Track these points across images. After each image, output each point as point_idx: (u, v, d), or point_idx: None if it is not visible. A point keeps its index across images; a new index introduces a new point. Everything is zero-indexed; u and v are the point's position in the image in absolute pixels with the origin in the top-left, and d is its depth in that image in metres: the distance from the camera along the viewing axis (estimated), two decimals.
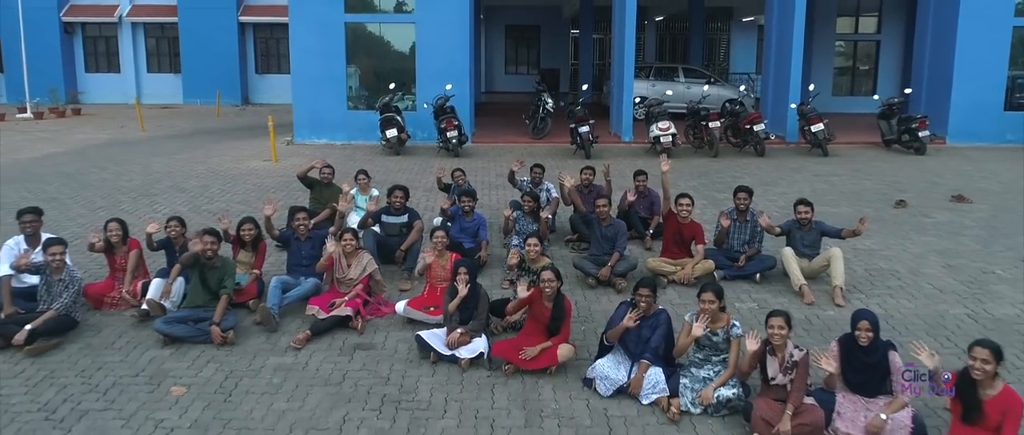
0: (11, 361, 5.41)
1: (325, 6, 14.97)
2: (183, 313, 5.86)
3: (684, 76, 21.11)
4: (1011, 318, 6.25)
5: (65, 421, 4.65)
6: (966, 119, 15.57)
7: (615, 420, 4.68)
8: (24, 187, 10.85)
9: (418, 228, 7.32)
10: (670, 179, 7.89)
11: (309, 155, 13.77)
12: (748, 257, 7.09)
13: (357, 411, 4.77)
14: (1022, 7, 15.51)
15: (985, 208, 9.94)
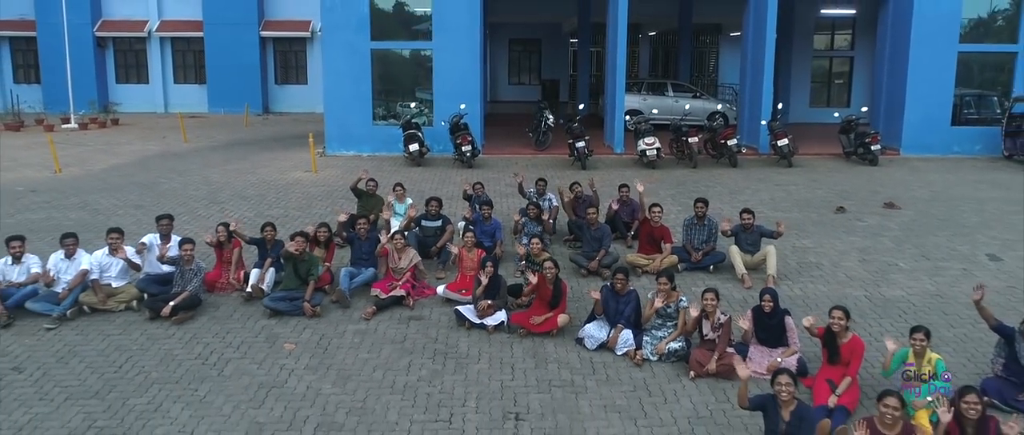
0: (162, 327, 7.51)
1: (354, 34, 17.06)
2: (281, 294, 7.95)
3: (672, 91, 23.22)
4: (897, 298, 8.35)
5: (216, 365, 6.75)
6: (918, 133, 17.67)
7: (598, 365, 6.77)
8: (112, 196, 12.95)
9: (450, 230, 9.43)
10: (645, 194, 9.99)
11: (342, 166, 15.90)
12: (704, 253, 9.19)
13: (417, 359, 6.87)
14: (966, 34, 17.60)
15: (910, 213, 12.04)
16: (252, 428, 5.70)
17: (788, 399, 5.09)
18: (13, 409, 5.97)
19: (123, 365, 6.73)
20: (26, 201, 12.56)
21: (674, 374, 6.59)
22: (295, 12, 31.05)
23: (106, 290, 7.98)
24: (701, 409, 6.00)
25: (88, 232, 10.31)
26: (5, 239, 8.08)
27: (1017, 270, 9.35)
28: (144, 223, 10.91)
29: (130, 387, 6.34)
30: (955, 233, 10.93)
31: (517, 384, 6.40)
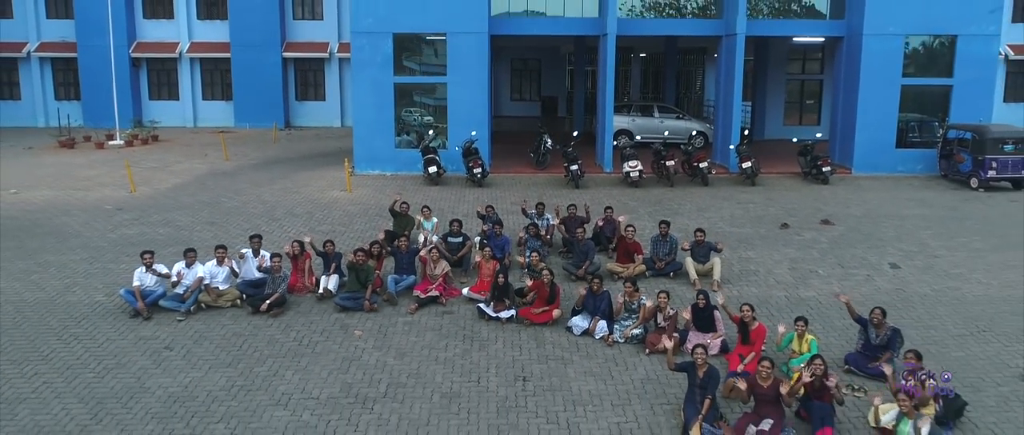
0: (262, 319, 10.21)
1: (379, 70, 19.78)
2: (347, 294, 10.66)
3: (658, 112, 25.95)
4: (808, 298, 11.06)
5: (308, 345, 9.46)
6: (867, 154, 20.42)
7: (581, 345, 9.47)
8: (186, 214, 15.67)
9: (469, 245, 12.15)
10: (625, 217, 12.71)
11: (371, 185, 18.62)
12: (666, 263, 11.91)
13: (451, 341, 9.58)
14: (908, 70, 20.31)
15: (841, 229, 14.77)
16: (343, 386, 8.41)
17: (702, 363, 7.78)
18: (176, 374, 8.68)
19: (242, 346, 9.45)
20: (117, 219, 15.29)
21: (635, 351, 9.30)
22: (314, 35, 33.81)
23: (215, 292, 10.70)
24: (651, 374, 8.71)
25: (177, 246, 12.99)
26: (140, 252, 10.80)
27: (909, 277, 12.07)
28: (219, 238, 13.62)
29: (252, 360, 9.06)
30: (871, 246, 13.65)
31: (524, 358, 9.12)
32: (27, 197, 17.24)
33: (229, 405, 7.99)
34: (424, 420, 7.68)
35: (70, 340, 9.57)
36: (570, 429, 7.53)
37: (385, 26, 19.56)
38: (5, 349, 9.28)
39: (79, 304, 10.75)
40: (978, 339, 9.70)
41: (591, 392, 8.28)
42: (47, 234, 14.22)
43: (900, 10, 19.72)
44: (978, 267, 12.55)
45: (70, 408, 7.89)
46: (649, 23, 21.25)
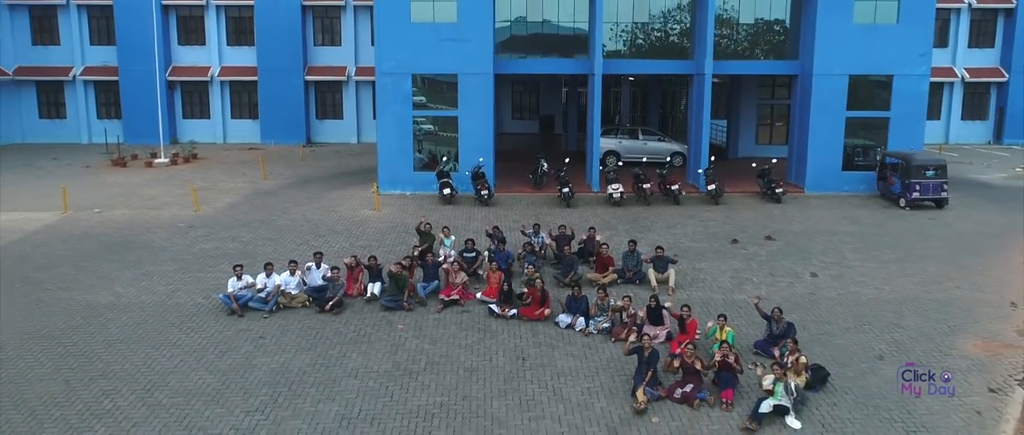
0: (326, 317, 13.62)
1: (400, 105, 23.19)
2: (389, 298, 14.08)
3: (642, 135, 29.38)
4: (740, 300, 14.47)
5: (365, 335, 12.89)
6: (817, 176, 23.83)
7: (565, 335, 12.89)
8: (247, 231, 19.10)
9: (481, 259, 15.59)
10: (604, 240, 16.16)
11: (395, 204, 22.02)
12: (633, 272, 15.34)
13: (470, 333, 13.00)
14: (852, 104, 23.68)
15: (780, 243, 18.20)
16: (394, 363, 11.83)
17: (647, 347, 11.19)
18: (272, 355, 12.11)
19: (315, 335, 12.88)
20: (192, 235, 18.74)
21: (603, 340, 12.71)
22: (333, 60, 37.28)
23: (289, 296, 14.13)
24: (613, 356, 12.11)
25: (246, 258, 16.38)
26: (233, 265, 14.26)
27: (822, 284, 15.50)
28: (279, 252, 17.04)
29: (325, 346, 12.49)
30: (801, 258, 17.09)
31: (523, 344, 12.54)
32: (110, 216, 20.67)
33: (315, 376, 11.43)
34: (453, 386, 11.12)
35: (189, 331, 13.02)
36: (555, 392, 10.96)
37: (405, 68, 23.00)
38: (144, 338, 12.73)
39: (186, 305, 14.19)
40: (858, 330, 13.14)
41: (571, 367, 11.71)
42: (140, 248, 17.66)
43: (844, 54, 23.11)
44: (879, 275, 15.98)
45: (205, 378, 11.33)
46: (630, 63, 24.70)
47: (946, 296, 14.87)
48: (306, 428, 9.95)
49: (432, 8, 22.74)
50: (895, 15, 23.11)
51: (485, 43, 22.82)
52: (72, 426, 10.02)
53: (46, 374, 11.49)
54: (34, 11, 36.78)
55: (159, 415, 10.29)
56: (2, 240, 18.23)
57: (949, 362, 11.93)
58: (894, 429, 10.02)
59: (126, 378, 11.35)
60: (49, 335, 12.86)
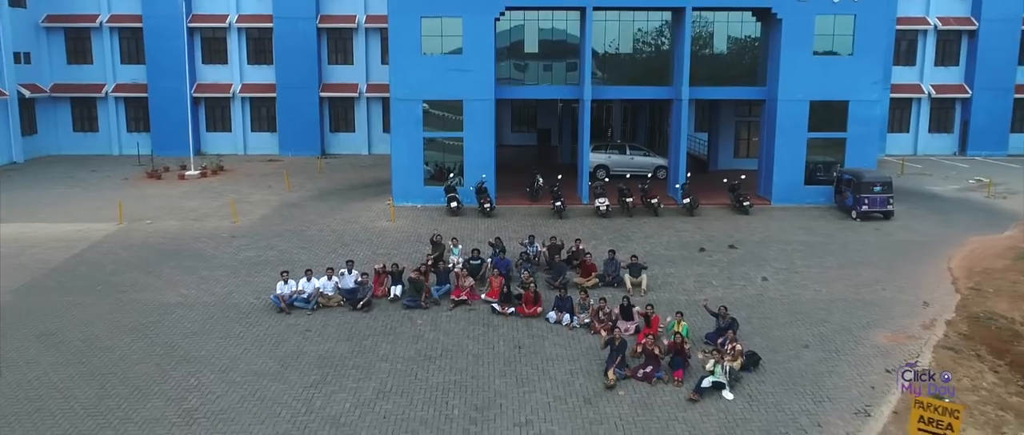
0: (358, 314, 16.61)
1: (412, 127, 26.17)
2: (409, 299, 17.09)
3: (629, 150, 32.38)
4: (700, 301, 17.46)
5: (391, 329, 15.90)
6: (782, 189, 26.81)
7: (554, 329, 15.87)
8: (283, 241, 22.07)
9: (485, 267, 18.60)
10: (587, 245, 19.17)
11: (408, 216, 24.99)
12: (612, 277, 18.33)
13: (476, 326, 16.01)
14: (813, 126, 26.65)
15: (741, 251, 21.18)
16: (416, 351, 14.83)
17: (617, 338, 14.18)
18: (318, 344, 15.10)
19: (351, 329, 15.88)
20: (236, 244, 21.73)
21: (584, 333, 15.69)
22: (346, 78, 40.27)
23: (326, 297, 17.12)
24: (593, 345, 15.09)
25: (286, 265, 19.34)
26: (280, 271, 17.27)
27: (771, 286, 18.48)
28: (314, 259, 20.00)
29: (360, 337, 15.49)
30: (756, 264, 20.08)
31: (519, 335, 15.55)
32: (160, 227, 23.67)
33: (354, 360, 14.42)
34: (464, 368, 14.11)
35: (248, 326, 16.03)
36: (544, 373, 13.94)
37: (416, 95, 25.99)
38: (212, 330, 15.74)
39: (242, 304, 17.20)
40: (792, 325, 16.13)
41: (557, 354, 14.71)
42: (193, 256, 20.67)
43: (805, 82, 26.08)
44: (820, 279, 18.98)
45: (267, 362, 14.34)
46: (616, 90, 27.72)
47: (872, 297, 17.87)
48: (352, 399, 12.96)
49: (440, 42, 25.72)
50: (850, 47, 26.08)
51: (487, 72, 25.79)
52: (170, 398, 13.02)
53: (139, 359, 14.50)
54: (69, 33, 39.79)
55: (236, 390, 13.30)
56: (75, 248, 21.23)
57: (860, 350, 14.94)
58: (805, 399, 13.02)
59: (204, 362, 14.36)
60: (134, 329, 15.87)
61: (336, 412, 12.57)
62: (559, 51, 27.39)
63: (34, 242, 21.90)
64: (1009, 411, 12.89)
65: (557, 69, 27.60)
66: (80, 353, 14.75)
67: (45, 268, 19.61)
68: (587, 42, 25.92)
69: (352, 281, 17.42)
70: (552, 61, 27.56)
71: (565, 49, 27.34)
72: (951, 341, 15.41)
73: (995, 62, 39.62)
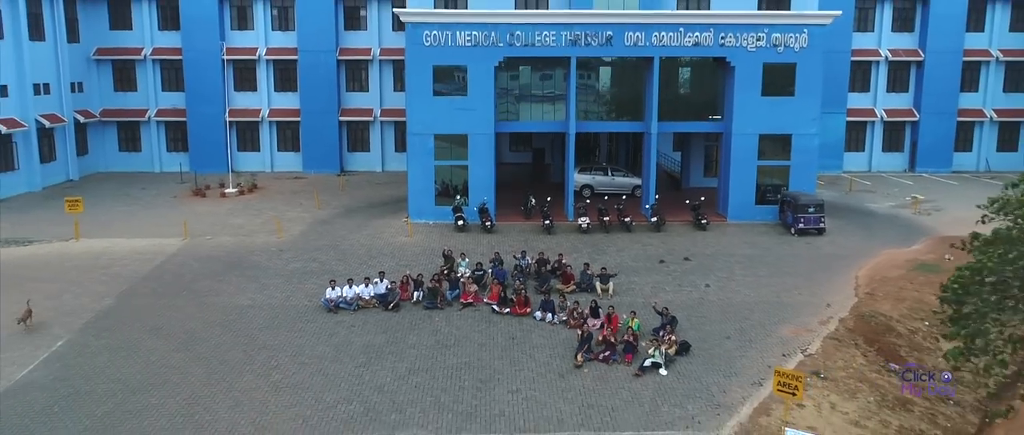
0: (389, 313, 21.64)
1: (425, 156, 31.18)
2: (427, 302, 22.12)
3: (611, 172, 37.43)
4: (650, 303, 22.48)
5: (416, 325, 20.94)
6: (737, 208, 31.83)
7: (539, 325, 20.91)
8: (322, 254, 27.08)
9: (488, 276, 23.64)
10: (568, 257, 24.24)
11: (423, 232, 30.01)
12: (586, 285, 23.38)
13: (479, 323, 21.04)
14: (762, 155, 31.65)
15: (694, 263, 26.17)
16: (435, 341, 19.85)
17: (584, 331, 19.19)
18: (362, 336, 20.13)
19: (384, 324, 20.91)
20: (285, 257, 26.73)
21: (561, 328, 20.72)
22: (362, 103, 45.30)
23: (363, 300, 22.15)
24: (569, 337, 20.08)
25: (329, 274, 24.34)
26: (329, 280, 22.32)
27: (712, 292, 23.47)
28: (351, 270, 24.92)
29: (392, 331, 20.52)
30: (704, 273, 25.08)
31: (512, 330, 20.58)
32: (218, 242, 28.69)
33: (389, 348, 19.46)
34: (471, 353, 19.14)
35: (306, 322, 21.06)
36: (531, 357, 18.96)
37: (429, 130, 31.00)
38: (280, 326, 20.77)
39: (298, 306, 22.21)
40: (720, 322, 21.14)
41: (541, 342, 19.74)
42: (251, 267, 25.69)
43: (755, 118, 31.07)
44: (752, 285, 23.99)
45: (325, 349, 19.38)
46: (596, 124, 32.77)
47: (788, 300, 22.89)
48: (390, 375, 17.98)
49: (448, 86, 30.76)
50: (792, 90, 31.08)
51: (488, 111, 30.80)
52: (259, 374, 18.05)
53: (229, 347, 19.53)
54: (116, 64, 44.84)
55: (306, 368, 18.32)
56: (155, 261, 26.25)
57: (768, 340, 19.96)
58: (718, 375, 18.04)
59: (278, 349, 19.40)
60: (220, 324, 20.90)
61: (380, 383, 17.61)
62: (549, 91, 32.37)
63: (119, 255, 26.93)
64: (865, 383, 17.93)
65: (547, 106, 32.57)
66: (184, 343, 19.79)
67: (137, 277, 24.63)
68: (572, 85, 30.93)
69: (384, 288, 22.46)
70: (543, 100, 32.55)
71: (554, 90, 32.32)
72: (838, 334, 20.44)
73: (939, 89, 44.74)
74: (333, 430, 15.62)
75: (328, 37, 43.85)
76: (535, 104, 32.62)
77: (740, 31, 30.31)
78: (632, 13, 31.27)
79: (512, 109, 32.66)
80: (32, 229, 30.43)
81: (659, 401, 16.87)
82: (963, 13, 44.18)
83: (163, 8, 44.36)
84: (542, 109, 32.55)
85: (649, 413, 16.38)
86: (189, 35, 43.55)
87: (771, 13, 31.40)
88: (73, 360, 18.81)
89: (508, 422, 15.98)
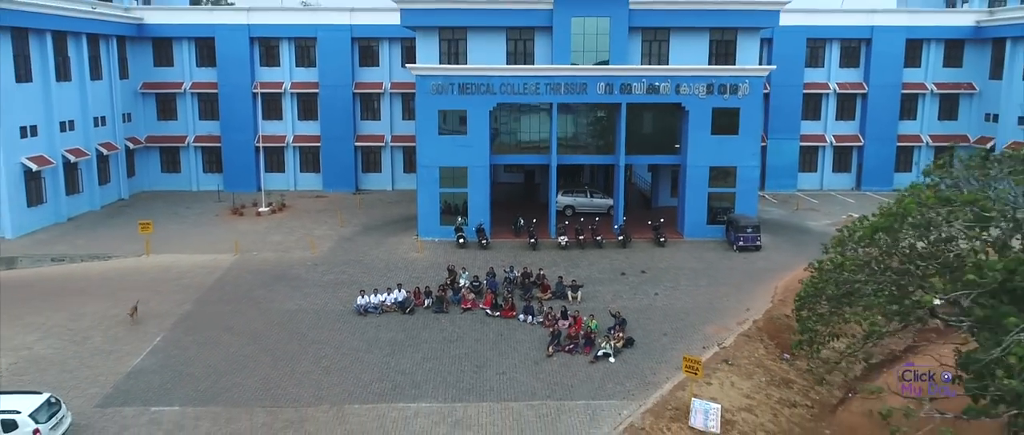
0: (407, 315, 28.03)
1: (432, 185, 37.53)
2: (436, 307, 28.51)
3: (590, 194, 43.81)
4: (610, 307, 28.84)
5: (428, 325, 27.31)
6: (692, 227, 38.20)
7: (522, 326, 27.28)
8: (349, 267, 33.43)
9: (483, 286, 30.02)
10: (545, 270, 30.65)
11: (431, 249, 36.39)
12: (561, 293, 29.76)
13: (476, 322, 27.41)
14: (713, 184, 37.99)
15: (649, 275, 32.52)
16: (443, 337, 26.23)
17: (554, 330, 25.55)
18: (386, 332, 26.50)
19: (403, 325, 27.28)
20: (320, 270, 33.10)
21: (539, 326, 27.08)
22: (374, 130, 51.68)
23: (386, 305, 28.52)
24: (543, 335, 26.44)
25: (356, 285, 30.69)
26: (358, 290, 28.72)
27: (660, 298, 29.82)
28: (375, 280, 31.28)
29: (409, 330, 26.92)
30: (655, 283, 31.43)
31: (501, 329, 26.95)
32: (263, 257, 35.04)
33: (407, 342, 25.84)
34: (470, 346, 25.51)
35: (343, 323, 27.44)
36: (515, 349, 25.32)
37: (434, 163, 37.35)
38: (323, 325, 27.15)
39: (335, 310, 28.59)
40: (661, 322, 27.50)
41: (523, 338, 26.11)
42: (294, 279, 32.04)
43: (706, 153, 37.41)
44: (692, 294, 30.32)
45: (358, 343, 25.78)
46: (574, 157, 39.13)
47: (719, 305, 29.23)
48: (409, 362, 24.35)
49: (451, 128, 37.14)
50: (737, 130, 37.41)
51: (483, 147, 37.14)
52: (312, 361, 24.42)
53: (287, 341, 25.90)
54: (160, 96, 51.25)
55: (346, 357, 24.71)
56: (215, 273, 32.60)
57: (695, 336, 26.29)
58: (653, 361, 24.40)
59: (324, 343, 25.77)
60: (277, 324, 27.27)
61: (402, 368, 23.97)
62: (535, 131, 38.74)
63: (185, 269, 33.31)
64: (761, 368, 24.29)
65: (533, 143, 38.94)
66: (252, 338, 26.16)
67: (204, 287, 31.02)
68: (553, 126, 37.26)
69: (402, 296, 28.82)
70: (530, 137, 38.92)
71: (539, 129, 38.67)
72: (750, 331, 26.79)
73: (882, 117, 51.17)
74: (371, 400, 21.97)
75: (345, 73, 50.26)
76: (523, 141, 38.98)
77: (693, 82, 36.68)
78: (603, 67, 37.55)
79: (504, 145, 39.01)
80: (106, 246, 36.83)
81: (606, 381, 23.24)
82: (901, 51, 50.60)
83: (201, 48, 50.78)
84: (529, 145, 38.92)
85: (598, 389, 22.74)
86: (224, 71, 49.99)
87: (719, 67, 37.69)
88: (171, 351, 25.18)
89: (496, 395, 22.33)
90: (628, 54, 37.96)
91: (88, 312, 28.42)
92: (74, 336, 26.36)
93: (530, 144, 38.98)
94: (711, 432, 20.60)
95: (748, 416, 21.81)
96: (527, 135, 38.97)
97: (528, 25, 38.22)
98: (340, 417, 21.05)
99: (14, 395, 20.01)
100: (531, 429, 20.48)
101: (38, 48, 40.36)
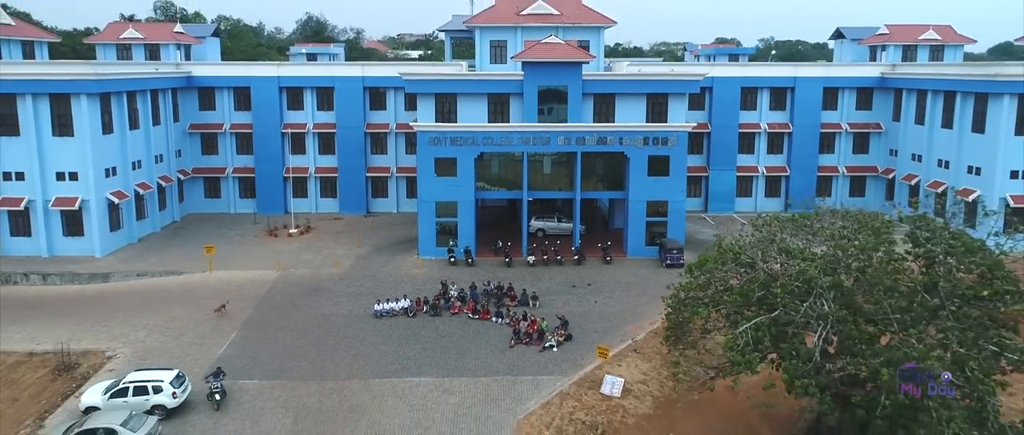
0: (411, 319, 38.51)
1: (429, 215, 47.98)
2: (432, 313, 39.01)
3: (558, 218, 54.27)
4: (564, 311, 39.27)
5: (430, 325, 37.81)
6: (634, 247, 48.66)
7: (494, 326, 37.74)
8: (368, 282, 43.85)
9: (467, 297, 40.53)
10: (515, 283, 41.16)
11: (429, 267, 46.90)
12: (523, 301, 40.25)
13: (461, 325, 37.87)
14: (651, 214, 48.44)
15: (594, 287, 42.96)
16: (439, 334, 36.68)
17: (518, 327, 36.00)
18: (395, 330, 36.98)
19: (408, 326, 37.75)
20: (344, 284, 43.56)
21: (506, 326, 37.53)
22: (383, 162, 62.14)
23: (396, 311, 38.98)
24: (508, 332, 36.91)
25: (374, 295, 41.13)
26: (376, 299, 39.24)
27: (598, 304, 40.28)
28: (390, 292, 41.68)
29: (413, 329, 37.38)
30: (595, 294, 41.80)
31: (479, 328, 37.41)
32: (299, 272, 45.48)
33: (411, 338, 36.32)
34: (457, 341, 35.95)
35: (365, 323, 37.95)
36: (486, 342, 35.78)
37: (432, 198, 47.79)
38: (351, 325, 37.66)
39: (359, 315, 39.07)
40: (596, 322, 37.92)
41: (494, 335, 36.57)
42: (325, 291, 42.49)
43: (644, 190, 47.82)
44: (622, 301, 40.73)
45: (376, 337, 36.29)
46: (541, 193, 49.64)
47: (641, 309, 39.61)
48: (413, 351, 34.82)
49: (445, 171, 47.61)
50: (668, 172, 47.83)
51: (469, 186, 47.58)
52: (346, 352, 34.93)
53: (326, 337, 36.39)
54: (204, 135, 61.75)
55: (370, 348, 35.19)
56: (265, 286, 43.04)
57: (616, 333, 36.72)
58: (584, 351, 34.82)
59: (353, 338, 36.26)
60: (318, 325, 37.75)
61: (408, 355, 34.42)
62: (511, 172, 49.21)
63: (241, 283, 43.78)
64: (658, 355, 34.77)
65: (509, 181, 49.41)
66: (300, 334, 36.62)
67: (258, 297, 41.48)
68: (524, 169, 47.72)
69: (407, 303, 39.29)
70: (506, 177, 49.39)
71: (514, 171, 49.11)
72: (658, 329, 37.17)
73: (804, 151, 61.67)
74: (387, 375, 32.39)
75: (358, 115, 60.70)
76: (502, 180, 49.47)
77: (633, 135, 47.14)
78: (562, 125, 47.96)
79: (486, 183, 49.52)
80: (174, 263, 47.32)
81: (549, 363, 33.69)
82: (820, 97, 61.11)
83: (238, 95, 61.25)
84: (505, 184, 49.41)
85: (542, 368, 33.19)
86: (258, 114, 60.48)
87: (653, 125, 48.04)
88: (244, 345, 35.63)
89: (472, 372, 32.76)
90: (582, 114, 48.33)
91: (177, 315, 38.92)
92: (172, 333, 36.84)
93: (506, 182, 49.43)
94: (614, 396, 31.10)
95: (642, 387, 32.32)
96: (505, 176, 49.41)
97: (505, 92, 48.61)
98: (367, 387, 31.53)
99: (154, 370, 30.47)
100: (495, 395, 30.96)
101: (117, 106, 50.80)
